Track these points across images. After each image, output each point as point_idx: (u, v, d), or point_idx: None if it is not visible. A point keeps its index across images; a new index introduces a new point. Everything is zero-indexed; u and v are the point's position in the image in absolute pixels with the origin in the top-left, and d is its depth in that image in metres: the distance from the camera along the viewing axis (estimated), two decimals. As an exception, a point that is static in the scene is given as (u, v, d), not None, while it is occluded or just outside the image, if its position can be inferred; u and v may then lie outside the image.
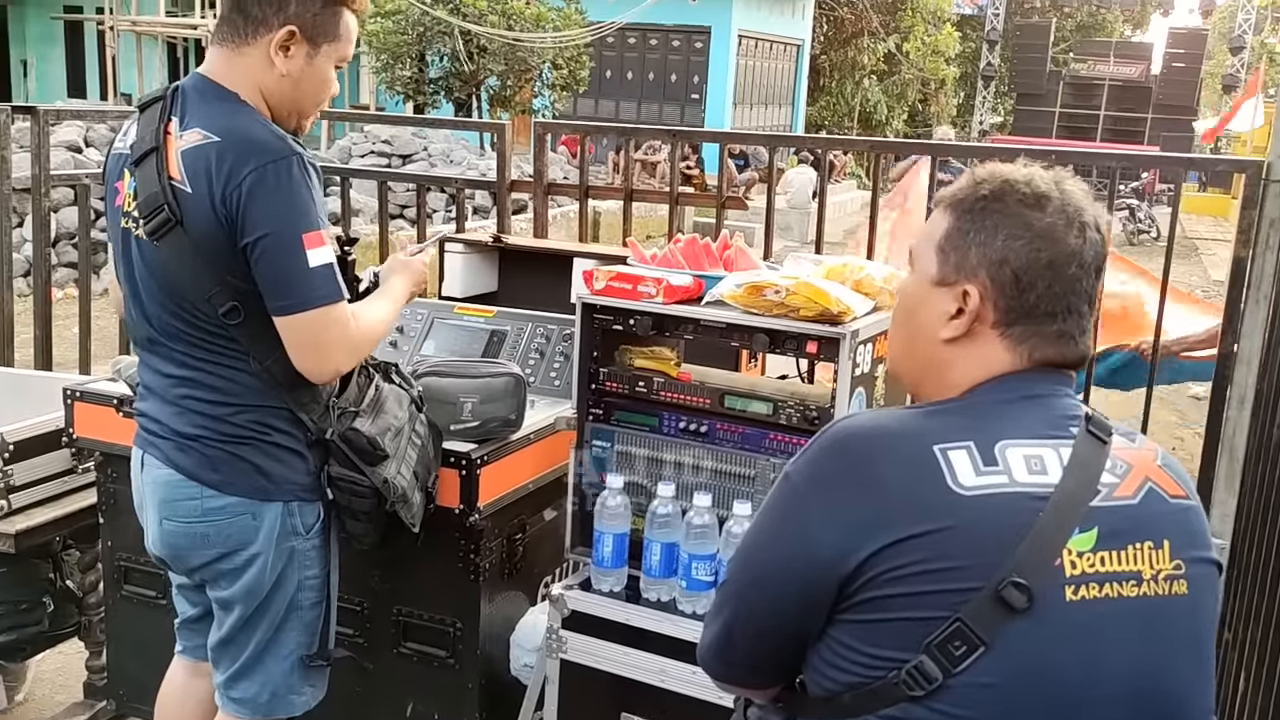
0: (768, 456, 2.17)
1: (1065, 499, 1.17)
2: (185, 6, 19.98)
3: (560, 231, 8.91)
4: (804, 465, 1.26)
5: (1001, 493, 1.16)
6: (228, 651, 2.11)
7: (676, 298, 2.18)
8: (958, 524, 1.15)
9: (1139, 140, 25.20)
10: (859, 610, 1.18)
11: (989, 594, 1.13)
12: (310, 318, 1.89)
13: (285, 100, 1.99)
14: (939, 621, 1.13)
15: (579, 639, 2.24)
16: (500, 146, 4.16)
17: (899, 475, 1.18)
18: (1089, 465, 1.21)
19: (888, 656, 1.16)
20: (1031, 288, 1.25)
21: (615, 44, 19.92)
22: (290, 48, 1.95)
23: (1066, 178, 1.31)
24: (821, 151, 3.92)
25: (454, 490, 2.29)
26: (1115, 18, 33.06)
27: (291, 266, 1.86)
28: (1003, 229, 1.26)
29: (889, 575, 1.15)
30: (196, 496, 1.99)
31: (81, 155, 10.70)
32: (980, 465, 1.17)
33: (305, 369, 1.93)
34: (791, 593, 1.23)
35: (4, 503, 2.69)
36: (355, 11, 2.03)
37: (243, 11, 1.95)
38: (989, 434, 1.20)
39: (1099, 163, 4.92)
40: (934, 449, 1.18)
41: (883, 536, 1.15)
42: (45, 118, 3.88)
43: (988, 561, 1.14)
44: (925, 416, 1.26)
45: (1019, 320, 1.26)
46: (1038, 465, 1.19)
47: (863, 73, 25.50)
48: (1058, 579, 1.15)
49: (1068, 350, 1.28)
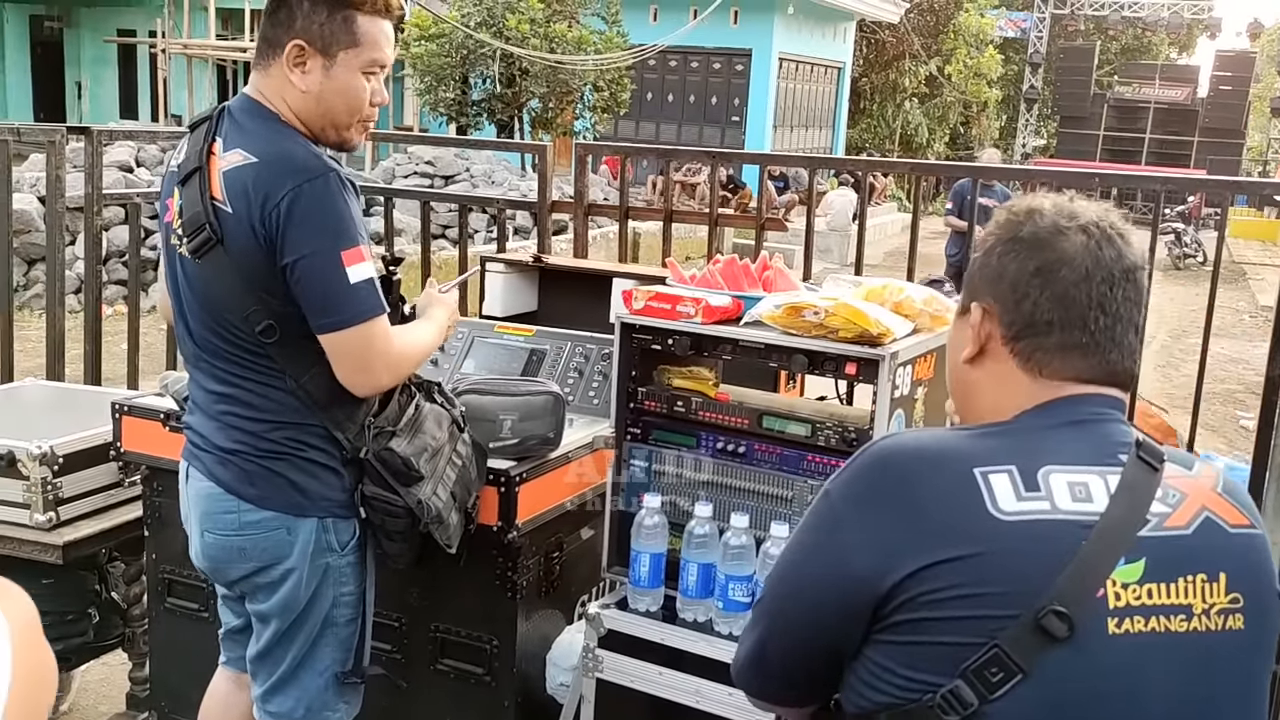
0: (805, 478, 2.17)
1: (1111, 528, 1.14)
2: (235, 29, 20.34)
3: (600, 252, 8.95)
4: (844, 483, 1.25)
5: (1043, 519, 1.14)
6: (265, 665, 2.13)
7: (715, 318, 2.18)
8: (995, 550, 1.13)
9: (1185, 164, 24.91)
10: (895, 631, 1.16)
11: (1028, 622, 1.11)
12: (354, 334, 1.91)
13: (314, 115, 1.99)
14: (976, 647, 1.12)
15: (615, 658, 2.24)
16: (541, 167, 4.20)
17: (937, 497, 1.17)
18: (1138, 493, 1.18)
19: (923, 680, 1.14)
20: (1026, 297, 1.25)
21: (656, 66, 19.99)
22: (305, 62, 1.95)
23: (1083, 200, 1.31)
24: (862, 174, 3.92)
25: (492, 507, 2.30)
26: (1160, 40, 32.75)
27: (332, 284, 1.88)
28: (999, 246, 1.29)
29: (925, 598, 1.14)
30: (234, 510, 2.02)
31: (133, 175, 10.90)
32: (1022, 490, 1.15)
33: (350, 384, 1.95)
34: (827, 608, 1.22)
35: (52, 514, 2.74)
36: (373, 13, 1.98)
37: (263, 34, 1.99)
38: (1032, 459, 1.18)
39: (1144, 186, 4.87)
40: (975, 472, 1.17)
41: (919, 559, 1.14)
42: (98, 138, 3.95)
43: (1028, 589, 1.12)
44: (968, 438, 1.24)
45: (1023, 334, 1.26)
46: (1082, 492, 1.16)
47: (904, 95, 25.42)
48: (1100, 610, 1.12)
49: (1081, 364, 1.25)
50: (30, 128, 4.25)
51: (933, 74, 25.28)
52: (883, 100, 25.55)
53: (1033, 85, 28.03)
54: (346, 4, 1.95)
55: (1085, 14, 28.09)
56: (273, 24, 1.97)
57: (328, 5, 1.94)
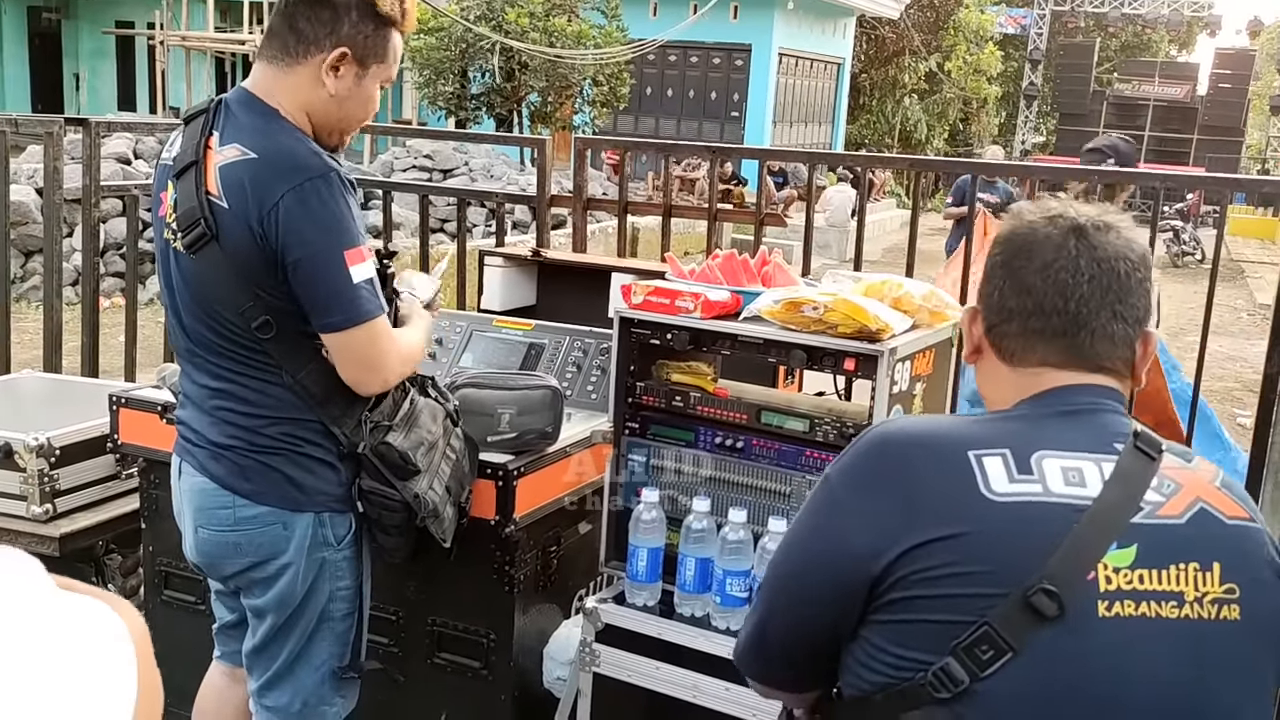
0: (803, 473, 2.17)
1: (1103, 512, 1.17)
2: (234, 22, 20.30)
3: (599, 247, 8.94)
4: (842, 468, 1.29)
5: (1034, 501, 1.17)
6: (260, 660, 2.13)
7: (714, 313, 2.18)
8: (985, 529, 1.16)
9: (1184, 161, 24.89)
10: (889, 610, 1.19)
11: (1018, 600, 1.13)
12: (358, 333, 1.91)
13: (330, 119, 2.00)
14: (966, 625, 1.14)
15: (612, 653, 2.24)
16: (541, 162, 4.19)
17: (930, 478, 1.20)
18: (1132, 481, 1.20)
19: (915, 658, 1.16)
20: (996, 290, 1.33)
21: (656, 61, 19.97)
22: (340, 68, 1.96)
23: (1082, 203, 1.35)
24: (861, 169, 3.91)
25: (490, 501, 2.30)
26: (1160, 38, 32.72)
27: (335, 284, 1.88)
28: (992, 249, 1.36)
29: (917, 577, 1.16)
30: (229, 505, 2.01)
31: (130, 167, 10.88)
32: (1014, 473, 1.18)
33: (357, 382, 1.96)
34: (826, 588, 1.24)
35: (49, 506, 2.74)
36: (403, 32, 2.04)
37: (295, 30, 1.95)
38: (1027, 444, 1.21)
39: (1143, 183, 4.88)
40: (968, 454, 1.20)
41: (911, 538, 1.17)
42: (96, 130, 3.95)
43: (1018, 568, 1.14)
44: (966, 424, 1.28)
45: (994, 325, 1.34)
46: (1076, 477, 1.19)
47: (904, 91, 25.40)
48: (1091, 592, 1.14)
49: (1045, 349, 1.29)
50: (28, 119, 4.24)
51: (932, 70, 25.26)
52: (882, 96, 25.53)
53: (1032, 82, 28.00)
54: (389, 22, 1.99)
55: (1085, 11, 28.05)
56: (311, 22, 1.94)
57: (374, 19, 1.97)
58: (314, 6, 1.94)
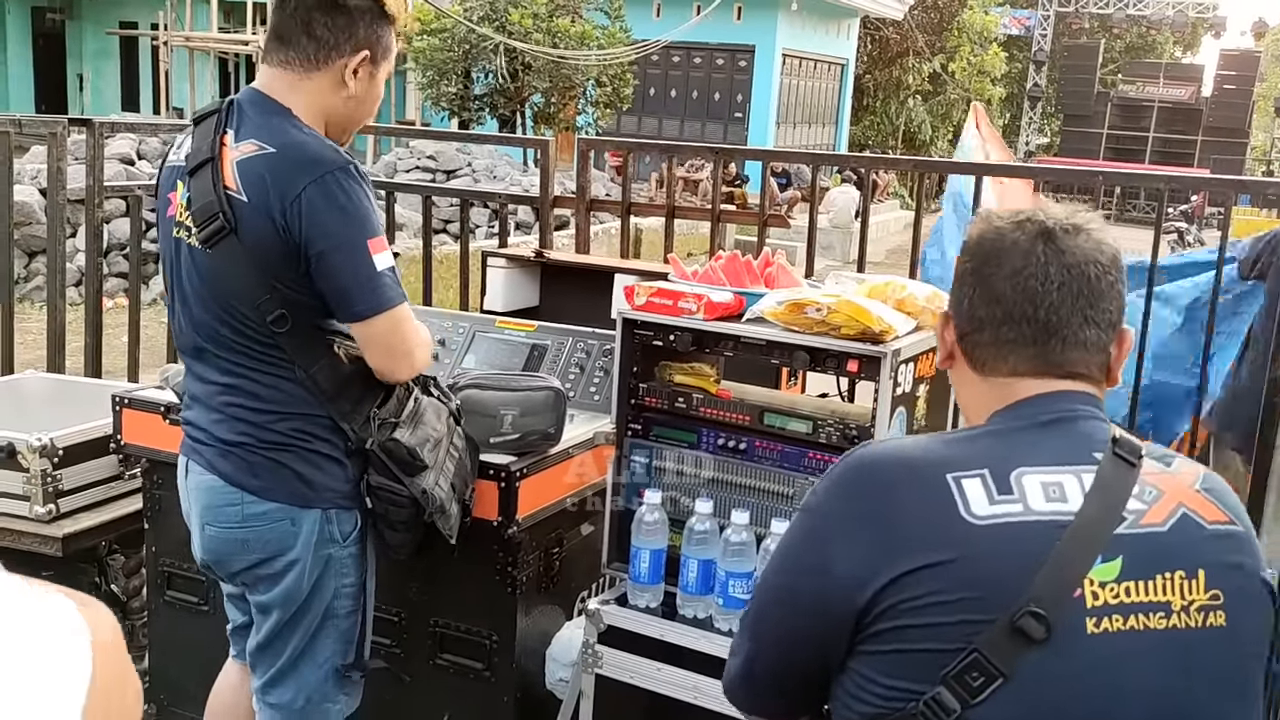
0: (806, 475, 2.16)
1: (1085, 527, 1.15)
2: (237, 22, 20.33)
3: (602, 247, 8.95)
4: (822, 494, 1.27)
5: (1015, 522, 1.15)
6: (265, 656, 2.14)
7: (717, 314, 2.18)
8: (969, 555, 1.13)
9: (1189, 163, 24.88)
10: (877, 641, 1.17)
11: (1005, 625, 1.11)
12: (385, 319, 1.95)
13: (346, 119, 2.06)
14: (955, 652, 1.12)
15: (614, 654, 2.24)
16: (544, 163, 4.19)
17: (912, 505, 1.18)
18: (1113, 491, 1.18)
19: (906, 688, 1.15)
20: (965, 298, 1.31)
21: (659, 62, 19.97)
22: (359, 70, 2.01)
23: (1052, 202, 1.35)
24: (865, 170, 3.91)
25: (492, 502, 2.30)
26: (1165, 39, 32.72)
27: (361, 273, 1.92)
28: (961, 254, 1.34)
29: (904, 606, 1.14)
30: (237, 502, 2.02)
31: (134, 168, 10.89)
32: (994, 494, 1.16)
33: (389, 370, 2.00)
34: (811, 619, 1.23)
35: (52, 506, 2.75)
36: (397, 33, 2.09)
37: (314, 37, 1.97)
38: (1005, 462, 1.19)
39: (1146, 184, 4.86)
40: (947, 478, 1.17)
41: (896, 567, 1.15)
42: (100, 130, 3.95)
43: (1004, 592, 1.12)
44: (945, 444, 1.26)
45: (965, 334, 1.32)
46: (1056, 492, 1.16)
47: (907, 92, 25.39)
48: (1078, 610, 1.12)
49: (1015, 358, 1.27)
50: (32, 119, 4.25)
51: (936, 71, 25.25)
52: (886, 97, 25.52)
53: (1036, 83, 28.00)
54: (390, 19, 2.04)
55: (1090, 12, 28.03)
56: (329, 29, 1.97)
57: (384, 19, 2.02)
58: (330, 13, 1.97)
